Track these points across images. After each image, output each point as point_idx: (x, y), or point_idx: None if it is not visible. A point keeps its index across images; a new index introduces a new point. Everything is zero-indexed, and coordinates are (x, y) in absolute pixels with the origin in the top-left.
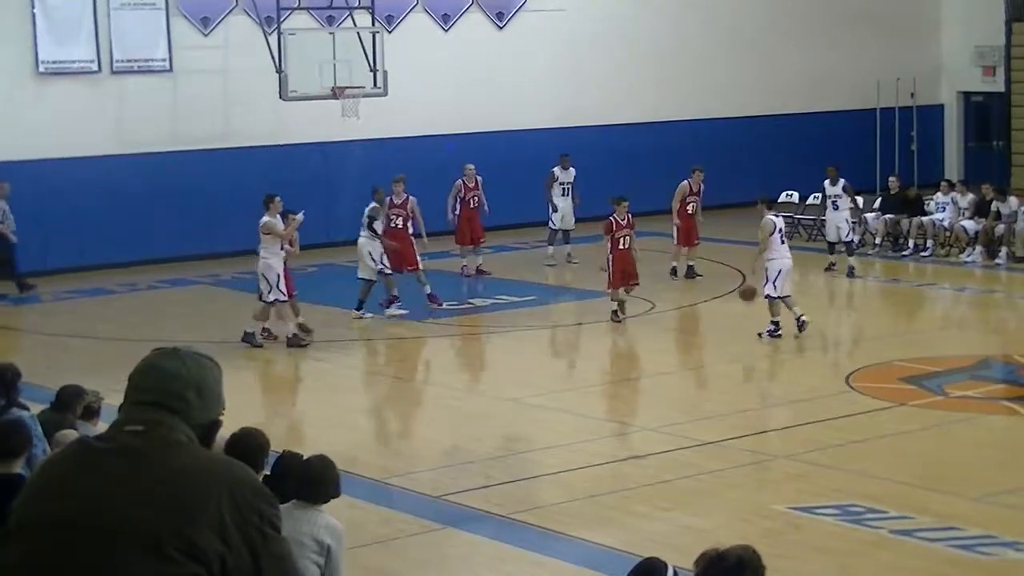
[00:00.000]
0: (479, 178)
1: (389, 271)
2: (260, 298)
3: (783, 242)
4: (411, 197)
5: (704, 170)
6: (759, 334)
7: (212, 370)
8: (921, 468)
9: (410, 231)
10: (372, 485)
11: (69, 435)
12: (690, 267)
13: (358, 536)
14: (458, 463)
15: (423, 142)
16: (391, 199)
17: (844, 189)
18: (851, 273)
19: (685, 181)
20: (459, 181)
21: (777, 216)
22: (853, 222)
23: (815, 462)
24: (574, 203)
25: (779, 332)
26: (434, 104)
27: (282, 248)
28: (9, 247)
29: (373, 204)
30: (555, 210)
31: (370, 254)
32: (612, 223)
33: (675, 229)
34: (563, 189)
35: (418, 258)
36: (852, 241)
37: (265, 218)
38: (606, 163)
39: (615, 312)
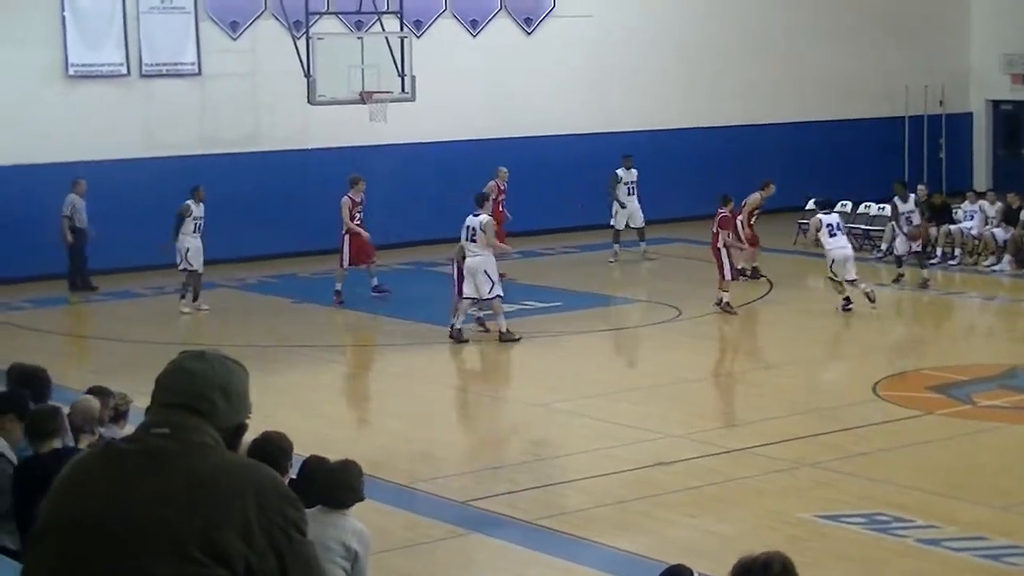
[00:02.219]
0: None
1: (193, 268)
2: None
3: (833, 235)
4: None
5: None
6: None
7: (239, 373)
8: (948, 477)
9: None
10: (398, 490)
11: (88, 401)
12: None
13: (384, 541)
14: (484, 468)
15: (450, 147)
16: (351, 198)
17: (916, 203)
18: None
19: (757, 194)
20: (493, 183)
21: (828, 214)
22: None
23: (841, 470)
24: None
25: (849, 306)
26: (462, 109)
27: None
28: (84, 242)
29: (186, 203)
30: (623, 207)
31: (178, 250)
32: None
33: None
34: (628, 188)
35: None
36: (921, 251)
37: (486, 217)
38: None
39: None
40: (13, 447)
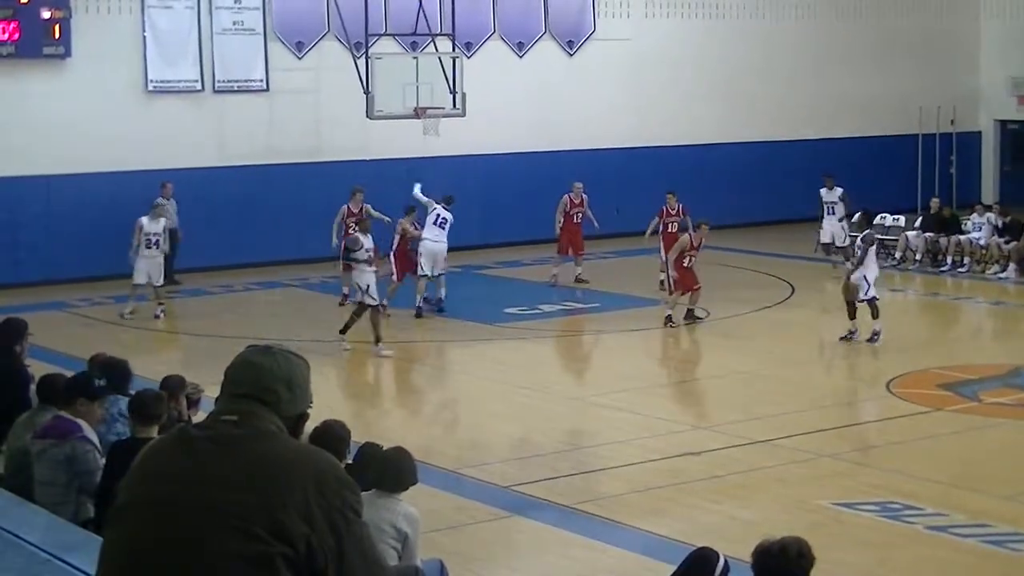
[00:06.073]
0: (585, 196)
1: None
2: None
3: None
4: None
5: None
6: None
7: (301, 367)
8: (956, 468)
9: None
10: (446, 475)
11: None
12: (690, 311)
13: (433, 521)
14: (526, 456)
15: (497, 159)
16: (349, 207)
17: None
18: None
19: (687, 235)
20: (566, 196)
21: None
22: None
23: (857, 461)
24: (844, 220)
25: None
26: (508, 124)
27: None
28: (175, 241)
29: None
30: (822, 227)
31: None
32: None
33: (671, 279)
34: (828, 208)
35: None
36: (847, 247)
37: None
38: (666, 181)
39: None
40: (94, 428)
